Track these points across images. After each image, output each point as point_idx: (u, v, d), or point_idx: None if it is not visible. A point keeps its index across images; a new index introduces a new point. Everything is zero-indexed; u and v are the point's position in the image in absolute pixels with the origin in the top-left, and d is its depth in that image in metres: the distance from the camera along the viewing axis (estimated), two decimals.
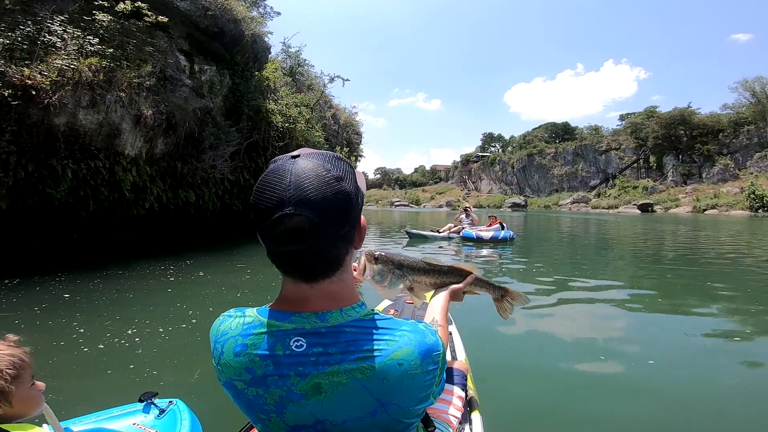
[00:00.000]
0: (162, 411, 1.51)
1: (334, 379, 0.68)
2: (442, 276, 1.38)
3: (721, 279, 6.67)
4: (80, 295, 4.91)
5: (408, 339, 0.71)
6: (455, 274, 1.39)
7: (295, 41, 20.12)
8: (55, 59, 6.99)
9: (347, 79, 16.71)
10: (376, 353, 0.68)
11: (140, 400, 1.55)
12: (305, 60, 17.71)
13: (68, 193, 7.40)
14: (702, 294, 5.64)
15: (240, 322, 0.74)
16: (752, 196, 38.89)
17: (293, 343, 0.69)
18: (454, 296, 1.35)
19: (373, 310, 0.76)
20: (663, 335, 3.84)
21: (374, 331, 0.71)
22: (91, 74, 7.25)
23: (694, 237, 14.90)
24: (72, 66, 7.06)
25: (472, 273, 1.41)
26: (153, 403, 1.54)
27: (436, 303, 1.28)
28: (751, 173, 47.86)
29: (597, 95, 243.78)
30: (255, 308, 0.76)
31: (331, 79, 16.67)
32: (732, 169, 51.46)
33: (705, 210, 43.21)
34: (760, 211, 37.29)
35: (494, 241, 10.71)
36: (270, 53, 13.94)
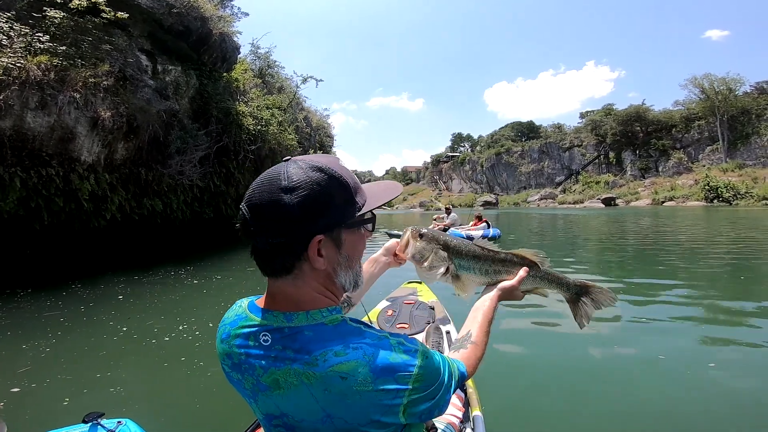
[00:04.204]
0: None
1: (288, 378, 0.69)
2: (497, 265, 1.12)
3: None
4: (38, 313, 4.58)
5: (361, 353, 0.67)
6: (515, 264, 1.13)
7: (265, 42, 19.52)
8: None
9: (320, 80, 16.32)
10: (321, 361, 0.67)
11: (84, 421, 1.41)
12: (275, 61, 17.15)
13: (18, 205, 6.69)
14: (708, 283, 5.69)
15: (235, 313, 0.80)
16: (707, 187, 41.18)
17: (261, 337, 0.72)
18: (507, 295, 1.11)
19: (342, 317, 0.74)
20: (672, 330, 3.75)
21: (329, 338, 0.70)
22: (40, 73, 6.58)
23: (674, 228, 15.45)
24: (18, 64, 6.38)
25: (534, 264, 1.15)
26: (99, 424, 1.41)
27: (479, 306, 1.07)
28: (704, 166, 50.83)
29: (575, 94, 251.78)
30: (250, 300, 0.81)
31: (304, 80, 16.20)
32: (686, 162, 54.50)
33: (663, 202, 45.47)
34: (715, 201, 39.57)
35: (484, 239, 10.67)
36: (239, 53, 13.36)
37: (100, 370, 3.12)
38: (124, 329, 4.06)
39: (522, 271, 1.12)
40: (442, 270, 1.07)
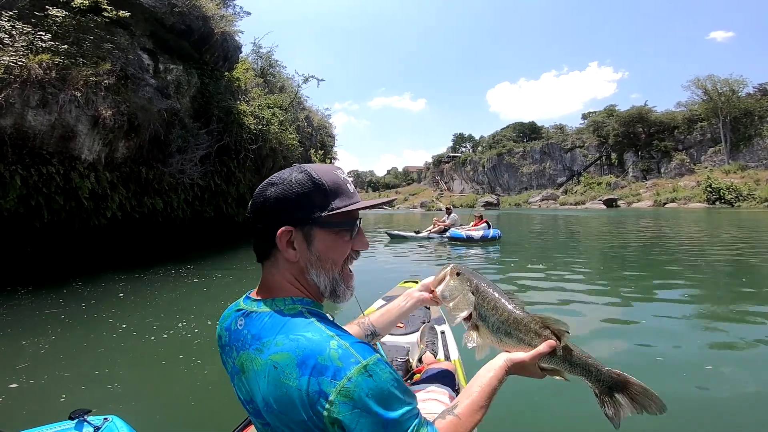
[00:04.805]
0: (97, 429, 1.36)
1: (247, 363, 0.71)
2: (511, 327, 0.93)
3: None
4: (39, 310, 4.58)
5: (295, 345, 0.67)
6: (534, 332, 0.92)
7: (267, 41, 19.55)
8: (1, 56, 6.33)
9: (322, 79, 16.31)
10: (265, 348, 0.69)
11: (71, 418, 1.38)
12: (277, 61, 17.17)
13: (18, 203, 6.70)
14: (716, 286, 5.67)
15: (238, 299, 0.85)
16: (709, 189, 41.05)
17: (238, 321, 0.78)
18: (519, 370, 0.94)
19: (303, 308, 0.76)
20: (671, 331, 3.74)
21: (280, 326, 0.71)
22: (41, 71, 6.60)
23: (676, 230, 15.41)
24: (20, 63, 6.40)
25: (559, 337, 0.92)
26: (86, 421, 1.37)
27: (480, 375, 0.91)
28: (706, 167, 50.70)
29: (578, 95, 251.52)
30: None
31: (306, 80, 16.20)
32: (688, 163, 54.37)
33: (665, 203, 45.32)
34: (717, 203, 39.44)
35: (483, 240, 10.66)
36: (241, 52, 13.38)
37: (98, 367, 3.12)
38: (124, 326, 4.07)
39: (544, 346, 0.91)
40: (464, 314, 0.97)
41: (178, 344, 3.59)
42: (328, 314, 0.85)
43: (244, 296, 0.85)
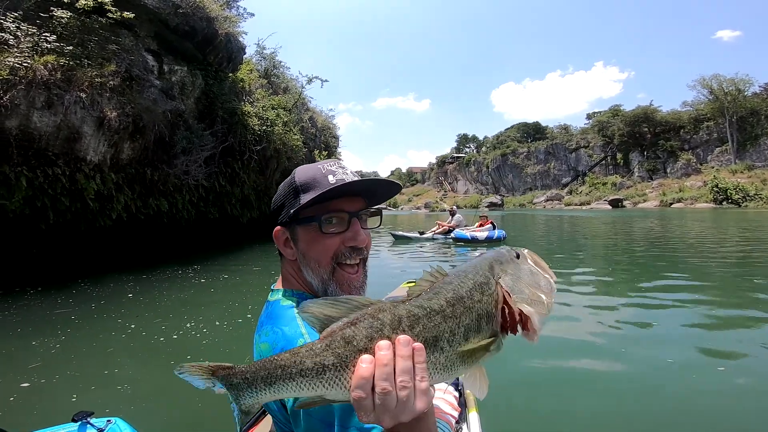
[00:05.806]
0: (100, 431, 1.37)
1: (255, 347, 0.76)
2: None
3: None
4: (49, 311, 4.61)
5: (273, 337, 0.71)
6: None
7: (271, 42, 19.59)
8: (6, 57, 6.34)
9: (326, 80, 16.28)
10: (262, 335, 0.74)
11: (74, 420, 1.39)
12: (281, 62, 17.18)
13: (24, 204, 6.70)
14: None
15: None
16: (716, 189, 40.68)
17: (265, 309, 0.83)
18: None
19: (295, 300, 0.78)
20: (681, 333, 3.66)
21: (273, 316, 0.76)
22: (47, 73, 6.61)
23: (683, 230, 15.25)
24: (25, 64, 6.41)
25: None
26: (89, 423, 1.39)
27: None
28: (712, 167, 50.25)
29: (583, 94, 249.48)
30: None
31: (309, 81, 16.18)
32: (694, 163, 53.89)
33: (671, 204, 44.96)
34: (724, 203, 39.06)
35: (488, 242, 10.57)
36: (245, 53, 13.39)
37: (107, 367, 3.12)
38: (132, 327, 4.06)
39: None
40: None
41: (187, 345, 3.57)
42: None
43: None
